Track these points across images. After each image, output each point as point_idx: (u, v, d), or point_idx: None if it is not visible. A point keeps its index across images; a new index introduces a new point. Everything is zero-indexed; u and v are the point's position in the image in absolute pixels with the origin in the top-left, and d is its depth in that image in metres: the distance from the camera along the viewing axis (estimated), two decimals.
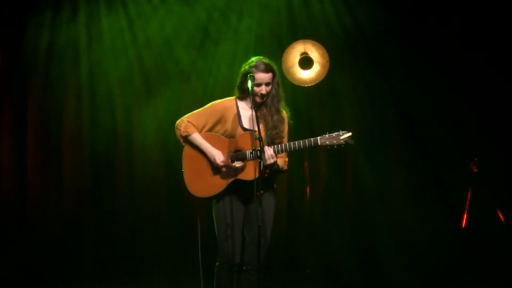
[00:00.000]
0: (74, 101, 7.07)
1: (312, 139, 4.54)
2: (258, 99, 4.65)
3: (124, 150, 7.11)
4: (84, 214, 7.07)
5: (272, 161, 4.49)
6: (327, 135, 4.54)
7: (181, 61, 7.07)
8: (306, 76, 6.78)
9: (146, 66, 7.09)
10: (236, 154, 4.63)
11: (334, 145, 4.53)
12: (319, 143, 4.53)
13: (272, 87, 4.67)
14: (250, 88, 4.56)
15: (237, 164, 4.63)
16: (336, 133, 4.54)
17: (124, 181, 7.10)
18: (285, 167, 4.77)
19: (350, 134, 4.52)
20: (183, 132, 4.70)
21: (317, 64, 6.77)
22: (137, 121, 7.11)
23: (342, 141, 4.52)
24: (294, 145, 4.56)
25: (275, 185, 4.83)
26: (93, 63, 7.06)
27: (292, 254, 7.08)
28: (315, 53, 6.77)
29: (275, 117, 4.69)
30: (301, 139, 4.55)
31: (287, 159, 4.79)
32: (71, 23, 6.99)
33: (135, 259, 7.07)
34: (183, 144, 4.75)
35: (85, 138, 7.07)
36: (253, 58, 4.70)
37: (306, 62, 6.76)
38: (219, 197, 4.67)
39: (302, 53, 6.77)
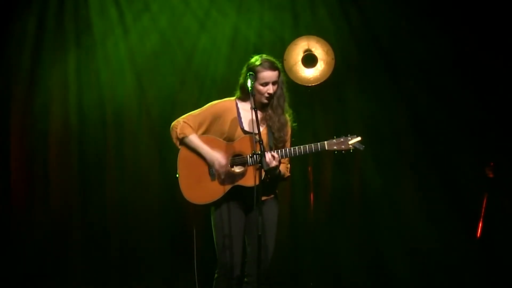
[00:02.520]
0: (61, 102, 7.01)
1: (318, 143, 4.53)
2: (264, 100, 4.66)
3: (115, 153, 7.04)
4: (71, 222, 7.01)
5: (273, 164, 4.46)
6: (334, 140, 4.53)
7: (176, 59, 7.04)
8: (310, 74, 6.74)
9: (138, 64, 7.05)
10: (236, 158, 4.62)
11: (342, 151, 4.52)
12: (326, 148, 4.52)
13: (278, 86, 4.67)
14: (250, 88, 4.55)
15: (237, 169, 4.62)
16: (344, 137, 4.53)
17: (115, 187, 7.04)
18: (287, 174, 4.76)
19: (359, 138, 4.51)
20: (179, 134, 4.69)
21: (322, 62, 6.73)
22: (129, 122, 7.06)
23: (350, 146, 4.51)
24: (300, 150, 4.54)
25: (277, 191, 4.80)
26: (81, 61, 7.02)
27: (295, 266, 7.03)
28: (319, 50, 6.73)
29: (282, 118, 4.71)
30: (305, 143, 4.54)
31: (289, 165, 4.78)
32: (58, 18, 6.96)
33: (126, 270, 7.02)
34: (179, 147, 4.74)
35: (73, 140, 7.00)
36: (257, 56, 4.72)
37: (309, 60, 6.71)
38: (217, 204, 4.66)
39: (306, 50, 6.72)
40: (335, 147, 4.52)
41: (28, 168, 7.01)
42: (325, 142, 4.53)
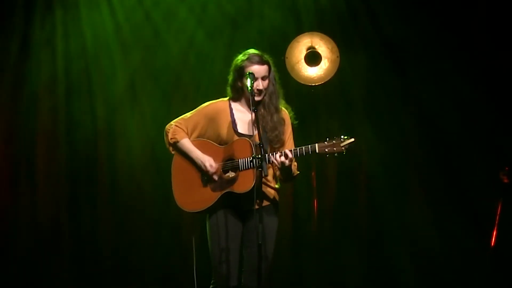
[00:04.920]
0: (49, 103, 7.02)
1: (309, 146, 4.44)
2: (255, 97, 4.59)
3: (106, 158, 7.05)
4: (60, 231, 7.01)
5: (287, 163, 4.41)
6: (326, 142, 4.45)
7: (171, 57, 7.03)
8: (313, 73, 6.72)
9: (131, 62, 7.05)
10: (228, 163, 4.58)
11: (334, 153, 4.44)
12: (317, 151, 4.43)
13: (269, 83, 4.63)
14: (249, 88, 4.50)
15: (230, 174, 4.57)
16: (337, 138, 4.44)
17: (106, 194, 7.04)
18: (297, 172, 4.68)
19: (352, 140, 4.42)
20: (171, 138, 4.68)
21: (326, 60, 6.70)
22: (121, 125, 7.06)
23: (343, 148, 4.43)
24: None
25: (277, 198, 4.73)
26: (71, 58, 7.02)
27: (297, 276, 7.02)
28: (323, 47, 6.70)
29: (275, 117, 4.65)
30: (297, 147, 4.48)
31: (295, 162, 4.68)
32: (46, 13, 6.99)
33: (118, 283, 6.99)
34: (172, 152, 4.72)
35: (62, 144, 7.02)
36: (245, 51, 4.69)
37: (313, 58, 6.70)
38: (212, 211, 4.62)
39: (309, 48, 6.71)
40: (326, 150, 4.42)
41: (14, 172, 7.02)
42: (316, 144, 4.44)
